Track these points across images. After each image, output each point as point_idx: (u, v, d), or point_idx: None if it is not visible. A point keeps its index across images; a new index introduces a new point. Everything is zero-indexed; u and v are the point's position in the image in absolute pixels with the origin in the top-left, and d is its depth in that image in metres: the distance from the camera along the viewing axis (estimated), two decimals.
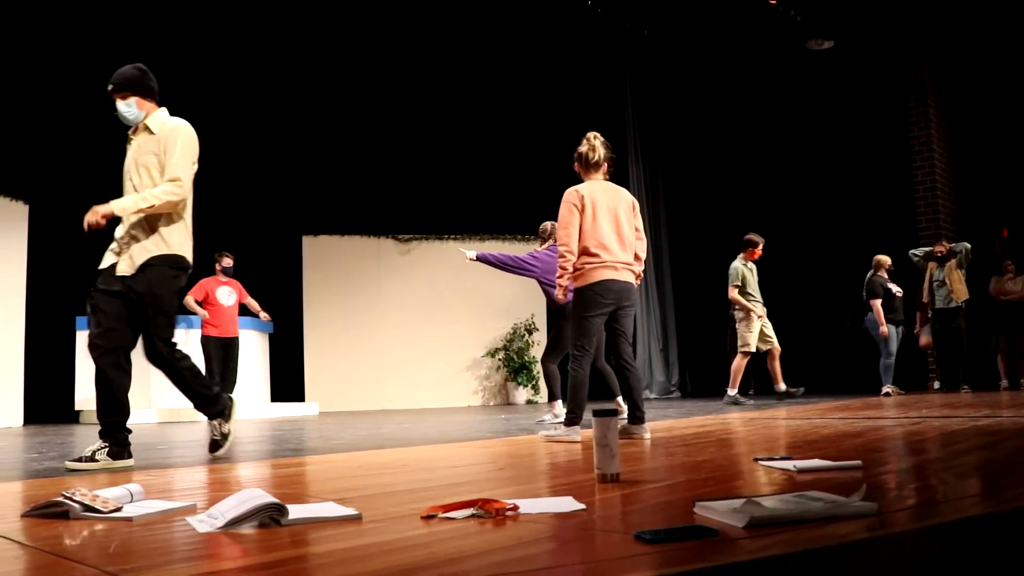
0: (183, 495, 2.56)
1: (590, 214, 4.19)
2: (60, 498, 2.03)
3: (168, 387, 3.86)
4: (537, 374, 11.42)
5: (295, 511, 1.90)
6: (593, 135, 4.40)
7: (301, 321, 11.26)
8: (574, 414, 4.16)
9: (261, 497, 1.86)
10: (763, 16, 10.76)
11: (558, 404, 6.20)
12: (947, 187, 10.95)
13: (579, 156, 4.37)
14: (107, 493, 2.11)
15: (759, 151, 12.21)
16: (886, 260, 9.37)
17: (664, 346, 12.34)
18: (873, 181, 11.22)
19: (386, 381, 11.41)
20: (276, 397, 10.69)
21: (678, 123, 12.83)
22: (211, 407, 3.76)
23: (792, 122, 11.79)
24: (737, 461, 3.05)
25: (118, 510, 2.03)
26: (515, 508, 1.89)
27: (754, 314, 8.22)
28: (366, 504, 2.09)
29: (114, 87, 3.70)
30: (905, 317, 9.50)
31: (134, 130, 3.74)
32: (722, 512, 1.70)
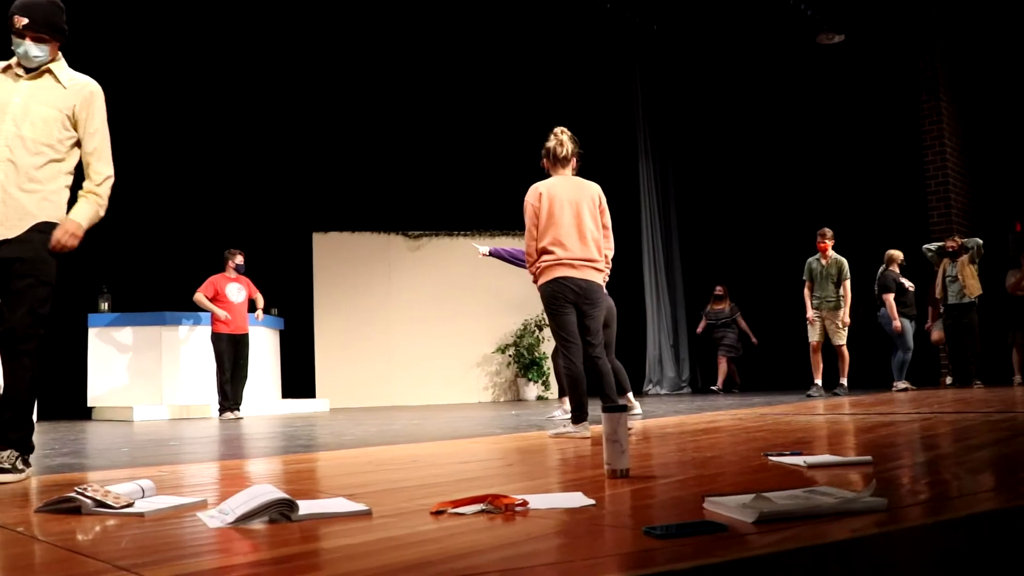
0: (194, 491, 2.57)
1: (546, 211, 4.16)
2: (72, 493, 2.05)
3: (179, 383, 3.86)
4: (548, 370, 11.41)
5: (305, 507, 1.91)
6: (560, 130, 4.35)
7: (312, 318, 11.28)
8: (579, 411, 4.16)
9: (272, 493, 1.87)
10: (773, 10, 10.70)
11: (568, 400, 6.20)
12: (959, 181, 10.87)
13: (547, 151, 4.32)
14: (119, 489, 2.12)
15: (770, 146, 12.15)
16: (898, 255, 9.32)
17: (675, 342, 12.32)
18: (885, 175, 11.14)
19: (396, 377, 11.43)
20: (287, 393, 10.72)
21: (688, 118, 12.78)
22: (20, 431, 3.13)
23: (803, 117, 11.72)
24: (747, 456, 3.04)
25: (130, 505, 2.05)
26: (524, 504, 1.90)
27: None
28: (376, 500, 2.10)
29: (30, 23, 2.95)
30: (918, 312, 9.46)
31: (28, 70, 3.03)
32: (732, 508, 1.70)
